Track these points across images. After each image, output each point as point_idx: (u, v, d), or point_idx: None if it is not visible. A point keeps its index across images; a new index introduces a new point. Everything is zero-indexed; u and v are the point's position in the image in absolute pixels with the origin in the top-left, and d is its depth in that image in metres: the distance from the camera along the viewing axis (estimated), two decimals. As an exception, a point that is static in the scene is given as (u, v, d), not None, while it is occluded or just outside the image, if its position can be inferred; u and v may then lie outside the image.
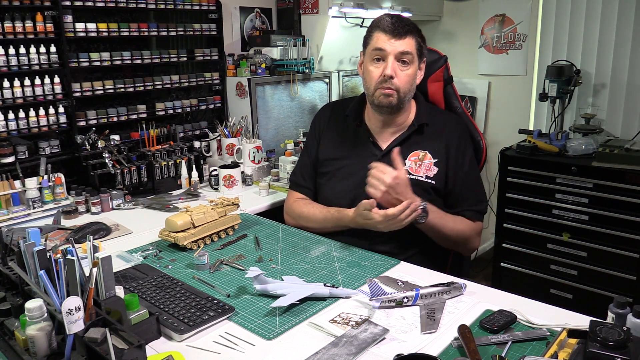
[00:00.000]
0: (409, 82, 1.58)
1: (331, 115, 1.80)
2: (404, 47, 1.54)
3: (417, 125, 1.64)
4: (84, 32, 2.15)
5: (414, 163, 1.62)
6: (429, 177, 1.61)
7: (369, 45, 1.59)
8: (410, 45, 1.55)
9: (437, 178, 1.61)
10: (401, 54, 1.54)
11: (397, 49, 1.53)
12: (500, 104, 3.44)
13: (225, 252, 1.57)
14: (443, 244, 1.64)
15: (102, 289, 1.04)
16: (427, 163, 1.62)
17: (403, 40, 1.53)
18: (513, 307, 1.17)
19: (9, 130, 1.98)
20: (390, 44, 1.53)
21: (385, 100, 1.57)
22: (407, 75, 1.56)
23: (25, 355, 0.99)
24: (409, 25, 1.56)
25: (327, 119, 1.79)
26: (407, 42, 1.54)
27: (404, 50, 1.54)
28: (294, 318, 1.18)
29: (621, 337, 0.89)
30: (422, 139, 1.64)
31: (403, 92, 1.57)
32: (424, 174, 1.61)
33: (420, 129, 1.64)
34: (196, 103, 2.61)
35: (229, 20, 2.76)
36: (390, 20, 1.55)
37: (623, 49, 2.78)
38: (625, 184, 2.29)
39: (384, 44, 1.54)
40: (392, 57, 1.54)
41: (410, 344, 1.07)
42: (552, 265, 2.57)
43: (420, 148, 1.64)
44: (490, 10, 3.35)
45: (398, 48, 1.53)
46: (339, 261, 1.48)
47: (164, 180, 2.19)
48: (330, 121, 1.78)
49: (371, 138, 1.67)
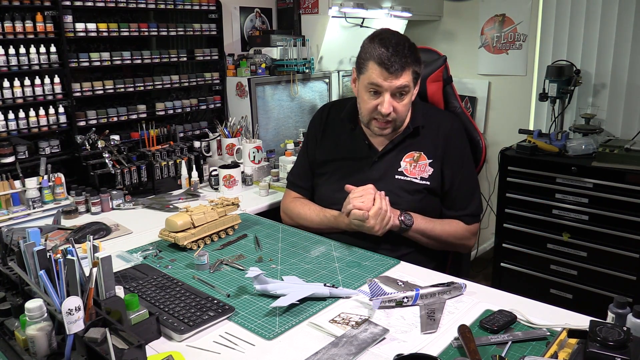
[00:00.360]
0: (405, 110, 1.57)
1: (328, 117, 1.80)
2: (401, 82, 1.48)
3: (413, 128, 1.64)
4: (84, 32, 2.15)
5: (409, 164, 1.62)
6: (424, 178, 1.61)
7: (363, 73, 1.53)
8: (407, 79, 1.49)
9: (432, 178, 1.61)
10: (397, 89, 1.50)
11: (393, 85, 1.48)
12: (500, 104, 3.44)
13: (225, 252, 1.57)
14: (436, 247, 1.64)
15: (102, 289, 1.04)
16: (422, 164, 1.62)
17: (401, 76, 1.48)
18: (513, 307, 1.17)
19: (9, 130, 1.98)
20: (387, 81, 1.48)
21: (380, 131, 1.58)
22: (404, 105, 1.54)
23: (25, 355, 0.99)
24: (405, 57, 1.47)
25: (325, 120, 1.80)
26: (404, 77, 1.48)
27: (400, 84, 1.49)
28: (294, 318, 1.18)
29: (621, 337, 0.89)
30: (417, 140, 1.65)
31: (400, 120, 1.58)
32: (419, 175, 1.61)
33: (415, 131, 1.64)
34: (196, 103, 2.61)
35: (229, 20, 2.76)
36: (387, 53, 1.46)
37: (623, 49, 2.78)
38: (625, 184, 2.29)
39: (379, 80, 1.48)
40: (389, 93, 1.50)
41: (410, 344, 1.07)
42: (552, 265, 2.57)
43: (415, 149, 1.64)
44: (490, 10, 3.35)
45: (395, 84, 1.48)
46: (339, 261, 1.48)
47: (164, 180, 2.19)
48: (328, 122, 1.79)
49: (367, 141, 1.68)
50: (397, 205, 1.57)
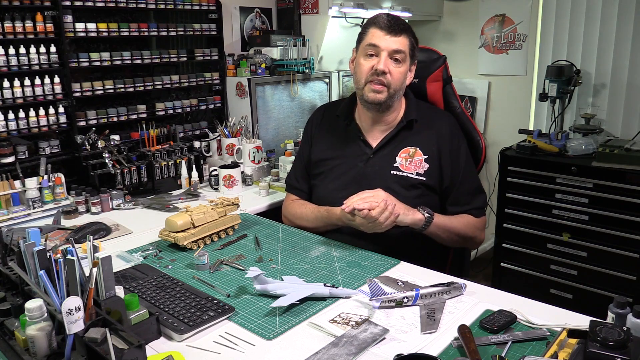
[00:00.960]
0: (400, 79, 1.58)
1: (323, 117, 1.82)
2: (398, 45, 1.55)
3: (406, 121, 1.65)
4: (84, 32, 2.15)
5: (405, 160, 1.63)
6: (419, 174, 1.61)
7: (363, 40, 1.60)
8: (404, 44, 1.56)
9: (428, 174, 1.61)
10: (394, 52, 1.55)
11: (391, 46, 1.54)
12: (500, 104, 3.44)
13: (225, 252, 1.57)
14: (449, 244, 1.65)
15: (102, 289, 1.04)
16: (418, 159, 1.62)
17: (398, 38, 1.55)
18: (513, 307, 1.17)
19: (9, 130, 1.98)
20: (385, 40, 1.54)
21: (374, 96, 1.57)
22: (399, 72, 1.57)
23: (25, 355, 0.99)
24: (404, 25, 1.57)
25: (319, 121, 1.81)
26: (401, 41, 1.55)
27: (397, 48, 1.55)
28: (294, 318, 1.18)
29: (621, 337, 0.89)
30: (411, 135, 1.65)
31: (393, 89, 1.58)
32: (414, 170, 1.62)
33: (409, 124, 1.65)
34: (196, 103, 2.61)
35: (229, 20, 2.76)
36: (386, 17, 1.57)
37: (623, 49, 2.78)
38: (625, 184, 2.29)
39: (378, 40, 1.55)
40: (386, 53, 1.54)
41: (410, 344, 1.07)
42: (552, 265, 2.57)
43: (410, 144, 1.64)
44: (490, 10, 3.35)
45: (392, 45, 1.54)
46: (339, 261, 1.48)
47: (164, 180, 2.19)
48: (322, 123, 1.80)
49: (361, 136, 1.69)
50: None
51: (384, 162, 1.64)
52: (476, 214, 1.67)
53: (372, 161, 1.65)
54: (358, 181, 1.63)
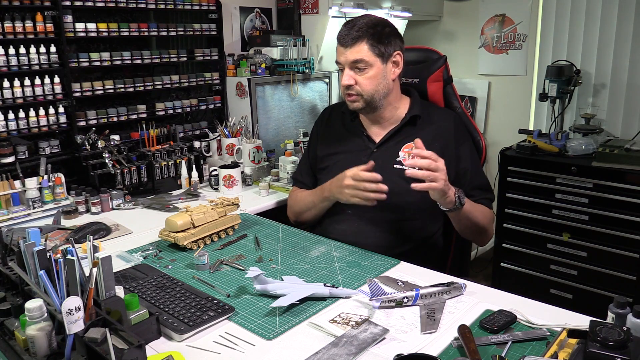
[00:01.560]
0: (372, 83, 1.60)
1: (331, 115, 1.87)
2: (354, 55, 1.56)
3: (410, 117, 1.67)
4: (84, 32, 2.15)
5: (408, 155, 1.65)
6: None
7: None
8: (359, 52, 1.56)
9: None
10: (353, 63, 1.58)
11: (348, 58, 1.58)
12: (500, 104, 3.44)
13: (225, 252, 1.57)
14: (466, 232, 1.64)
15: (102, 289, 1.04)
16: None
17: (352, 49, 1.56)
18: (513, 307, 1.17)
19: (9, 130, 1.98)
20: (343, 55, 1.58)
21: (352, 105, 1.65)
22: (367, 78, 1.59)
23: (25, 355, 0.99)
24: (358, 32, 1.56)
25: (327, 119, 1.87)
26: (356, 50, 1.56)
27: (354, 58, 1.57)
28: (294, 318, 1.18)
29: (621, 337, 0.89)
30: (415, 131, 1.66)
31: (368, 94, 1.61)
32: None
33: (412, 120, 1.68)
34: (196, 103, 2.61)
35: (229, 20, 2.76)
36: (342, 30, 1.59)
37: (623, 49, 2.78)
38: (625, 184, 2.29)
39: (339, 56, 1.60)
40: (347, 67, 1.59)
41: (410, 344, 1.07)
42: (552, 265, 2.57)
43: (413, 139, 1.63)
44: (490, 10, 3.35)
45: (349, 58, 1.57)
46: (339, 261, 1.48)
47: (164, 180, 2.19)
48: (330, 120, 1.85)
49: (365, 132, 1.72)
50: (398, 195, 1.57)
51: (386, 157, 1.66)
52: (488, 204, 1.68)
53: (374, 155, 1.66)
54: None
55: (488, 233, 1.69)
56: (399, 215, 1.62)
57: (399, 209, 1.61)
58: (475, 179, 1.67)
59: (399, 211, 1.61)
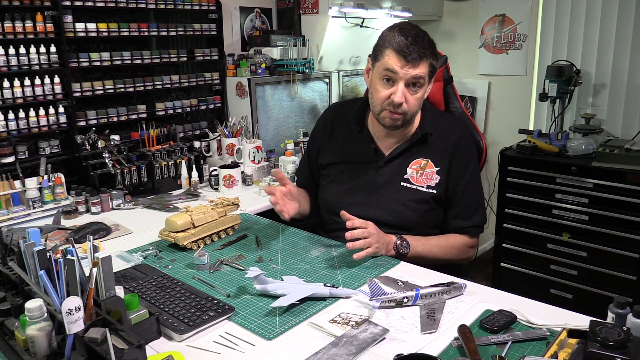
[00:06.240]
0: (418, 104, 1.52)
1: (334, 118, 1.76)
2: (417, 72, 1.44)
3: (421, 134, 1.60)
4: (84, 32, 2.15)
5: (415, 172, 1.59)
6: (430, 187, 1.58)
7: (379, 60, 1.48)
8: (423, 69, 1.46)
9: (439, 186, 1.58)
10: (413, 78, 1.46)
11: (409, 73, 1.44)
12: (500, 104, 3.44)
13: (225, 252, 1.57)
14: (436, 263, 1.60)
15: (102, 289, 1.04)
16: (429, 172, 1.59)
17: (417, 65, 1.44)
18: (513, 307, 1.17)
19: (9, 130, 1.98)
20: (403, 69, 1.44)
21: (391, 122, 1.52)
22: (417, 98, 1.49)
23: (25, 355, 0.99)
24: (424, 48, 1.45)
25: (331, 122, 1.76)
26: (420, 68, 1.45)
27: (416, 75, 1.45)
28: (294, 318, 1.18)
29: (621, 337, 0.89)
30: (425, 147, 1.61)
31: (410, 114, 1.52)
32: (425, 183, 1.58)
33: (423, 138, 1.60)
34: (196, 103, 2.61)
35: (229, 20, 2.76)
36: (405, 41, 1.43)
37: (623, 49, 2.78)
38: (625, 184, 2.29)
39: (395, 67, 1.44)
40: (403, 82, 1.46)
41: (410, 344, 1.07)
42: (552, 265, 2.57)
43: (422, 156, 1.60)
44: (490, 10, 3.35)
45: (410, 73, 1.44)
46: (339, 261, 1.48)
47: (164, 180, 2.19)
48: (334, 124, 1.75)
49: (373, 145, 1.64)
50: (402, 215, 1.56)
51: (394, 173, 1.60)
52: (472, 232, 1.64)
53: (382, 170, 1.61)
54: (367, 189, 1.61)
55: (460, 262, 1.66)
56: (402, 231, 1.57)
57: (402, 226, 1.58)
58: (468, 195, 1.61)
59: (402, 227, 1.58)
